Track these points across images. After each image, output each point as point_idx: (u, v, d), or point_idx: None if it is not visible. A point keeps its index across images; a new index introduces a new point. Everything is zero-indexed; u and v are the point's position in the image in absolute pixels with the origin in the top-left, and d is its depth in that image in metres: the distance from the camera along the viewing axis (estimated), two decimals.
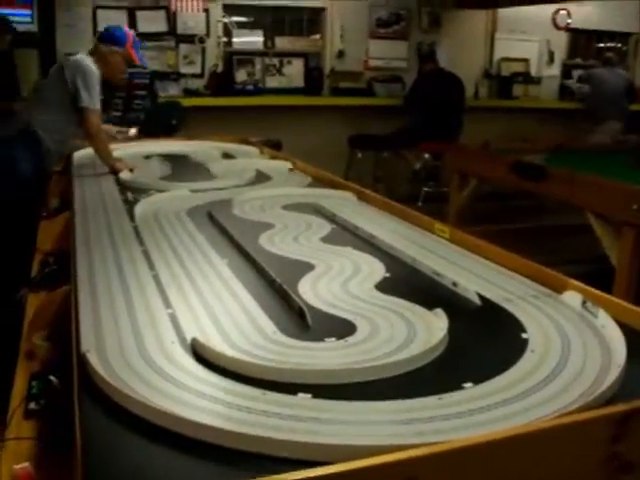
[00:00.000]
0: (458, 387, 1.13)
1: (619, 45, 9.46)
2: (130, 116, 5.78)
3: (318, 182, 3.04)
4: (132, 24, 6.76)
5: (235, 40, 7.40)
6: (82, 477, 0.90)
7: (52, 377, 1.38)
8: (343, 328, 1.39)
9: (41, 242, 2.42)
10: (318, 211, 2.46)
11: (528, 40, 8.66)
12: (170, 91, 6.88)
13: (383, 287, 1.66)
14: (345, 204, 2.57)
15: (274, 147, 4.29)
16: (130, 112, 5.78)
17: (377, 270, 1.80)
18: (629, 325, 1.40)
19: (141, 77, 5.85)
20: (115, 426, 1.01)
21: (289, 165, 3.43)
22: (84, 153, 3.64)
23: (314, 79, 7.64)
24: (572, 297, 1.54)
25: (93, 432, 1.00)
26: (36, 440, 1.25)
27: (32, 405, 1.36)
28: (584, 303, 1.49)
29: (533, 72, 8.73)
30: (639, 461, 1.04)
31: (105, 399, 1.08)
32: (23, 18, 6.11)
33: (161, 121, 5.97)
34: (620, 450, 1.02)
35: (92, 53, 3.66)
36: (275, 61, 7.53)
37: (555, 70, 8.96)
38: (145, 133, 5.65)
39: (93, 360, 1.17)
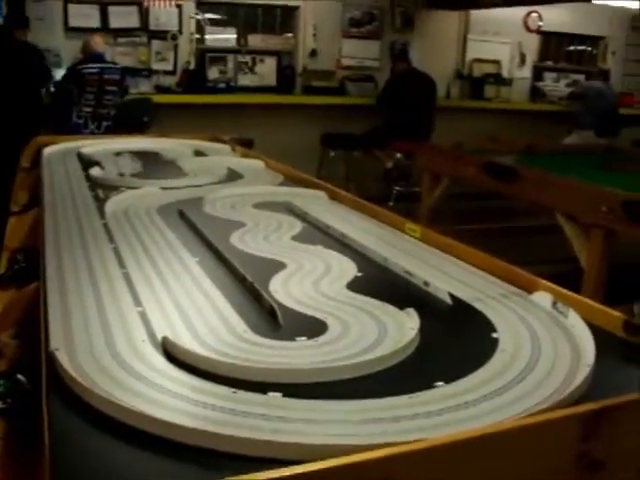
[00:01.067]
0: (429, 386, 1.13)
1: (589, 48, 9.56)
2: (101, 112, 5.74)
3: (290, 181, 3.04)
4: (104, 19, 6.72)
5: (208, 37, 7.40)
6: (50, 477, 0.89)
7: (20, 376, 1.36)
8: (314, 327, 1.39)
9: (9, 238, 2.39)
10: (289, 210, 2.45)
11: (500, 42, 8.75)
12: (141, 87, 6.86)
13: (354, 286, 1.66)
14: (317, 203, 2.56)
15: (245, 145, 4.28)
16: (101, 108, 5.74)
17: (348, 269, 1.80)
18: (598, 325, 1.42)
19: (112, 73, 5.81)
20: (84, 425, 1.00)
21: (261, 163, 3.42)
22: (54, 149, 3.60)
23: (286, 78, 7.66)
24: (542, 297, 1.55)
25: (62, 432, 0.99)
26: (2, 440, 1.23)
27: None
28: (554, 303, 1.51)
29: (505, 73, 8.83)
30: (608, 460, 1.05)
31: (74, 398, 1.06)
32: None
33: (132, 118, 5.95)
34: (589, 449, 1.03)
35: None
36: (248, 59, 7.53)
37: (526, 72, 9.06)
38: (116, 130, 5.63)
39: (62, 358, 1.16)
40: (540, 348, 1.31)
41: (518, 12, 8.63)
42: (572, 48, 9.57)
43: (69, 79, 5.68)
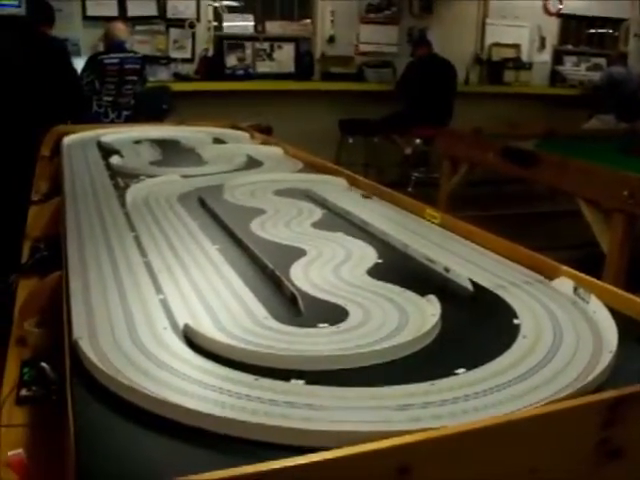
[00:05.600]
0: (451, 373, 1.13)
1: (610, 31, 9.45)
2: (121, 101, 5.76)
3: (309, 167, 3.04)
4: (122, 8, 6.73)
5: (225, 24, 7.38)
6: (75, 464, 0.90)
7: (44, 364, 1.38)
8: (335, 314, 1.39)
9: (31, 228, 2.41)
10: (309, 196, 2.45)
11: (519, 25, 8.66)
12: (160, 76, 6.87)
13: (375, 273, 1.66)
14: (336, 189, 2.56)
15: (264, 132, 4.28)
16: (121, 97, 5.75)
17: (369, 256, 1.80)
18: (619, 311, 1.41)
19: (133, 62, 5.81)
20: (108, 413, 1.01)
21: (280, 150, 3.42)
22: (74, 138, 3.62)
23: (305, 64, 7.63)
24: (564, 283, 1.55)
25: (85, 419, 0.99)
26: (28, 427, 1.25)
27: (24, 392, 1.35)
28: (576, 289, 1.50)
29: (524, 58, 8.74)
30: (628, 447, 1.05)
31: (97, 386, 1.07)
32: (10, 1, 6.04)
33: (151, 106, 5.96)
34: (610, 436, 1.02)
35: None
36: (266, 46, 7.51)
37: (546, 56, 8.97)
38: (135, 118, 5.64)
39: (85, 347, 1.17)
40: (562, 335, 1.30)
41: None
42: (593, 31, 9.46)
43: (90, 69, 5.68)
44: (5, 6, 6.08)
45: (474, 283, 1.58)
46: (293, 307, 1.43)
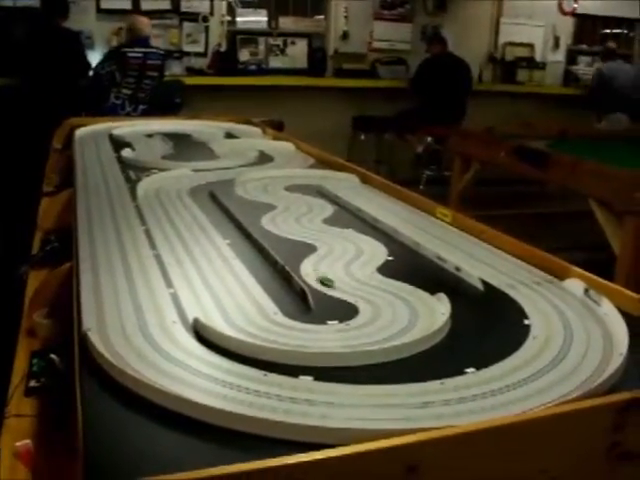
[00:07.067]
0: (460, 372, 1.13)
1: (625, 31, 9.39)
2: (139, 95, 5.77)
3: (321, 163, 3.03)
4: (136, 1, 6.73)
5: (239, 19, 7.36)
6: (82, 455, 0.90)
7: (53, 355, 1.38)
8: (345, 311, 1.39)
9: (42, 219, 2.42)
10: (320, 193, 2.45)
11: (534, 25, 8.60)
12: (173, 69, 6.86)
13: (385, 270, 1.66)
14: (348, 186, 2.56)
15: (276, 127, 4.28)
16: (140, 92, 5.77)
17: (379, 253, 1.80)
18: (631, 313, 1.40)
19: (155, 58, 5.83)
20: (116, 405, 1.01)
21: (292, 146, 3.42)
22: (86, 130, 3.63)
23: (318, 60, 7.61)
24: (574, 284, 1.54)
25: (93, 410, 1.00)
26: (36, 418, 1.25)
27: (33, 383, 1.36)
28: (586, 291, 1.49)
29: (538, 57, 8.68)
30: (639, 450, 1.04)
31: (106, 378, 1.07)
32: None
33: (164, 99, 5.96)
34: (621, 439, 1.02)
35: None
36: (279, 41, 7.49)
37: (560, 56, 8.92)
38: (150, 112, 5.65)
39: (94, 339, 1.17)
40: (572, 336, 1.30)
41: None
42: (608, 31, 9.40)
43: (112, 60, 5.67)
44: None
45: (485, 282, 1.58)
46: (303, 303, 1.43)
